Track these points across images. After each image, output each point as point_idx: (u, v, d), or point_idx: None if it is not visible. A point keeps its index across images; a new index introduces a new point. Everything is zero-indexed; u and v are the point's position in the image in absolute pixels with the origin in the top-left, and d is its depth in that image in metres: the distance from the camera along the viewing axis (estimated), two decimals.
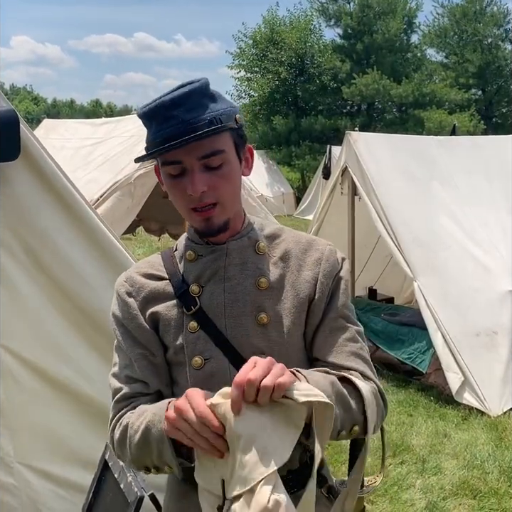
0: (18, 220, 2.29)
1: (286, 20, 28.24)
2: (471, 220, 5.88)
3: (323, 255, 1.48)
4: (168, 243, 12.46)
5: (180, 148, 1.32)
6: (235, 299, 1.43)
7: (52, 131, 9.12)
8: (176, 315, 1.46)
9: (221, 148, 1.36)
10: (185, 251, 1.50)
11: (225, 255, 1.45)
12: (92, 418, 2.48)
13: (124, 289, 1.52)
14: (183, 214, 1.45)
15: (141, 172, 6.37)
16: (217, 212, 1.39)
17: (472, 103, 29.07)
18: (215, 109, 1.36)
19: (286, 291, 1.45)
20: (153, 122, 1.37)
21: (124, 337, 1.51)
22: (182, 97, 1.33)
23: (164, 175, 1.42)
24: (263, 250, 1.47)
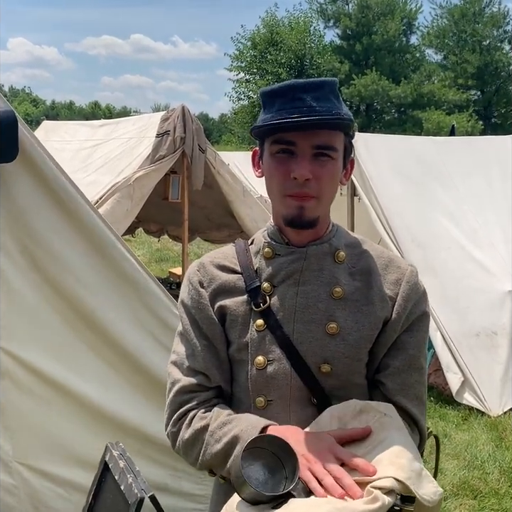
0: (16, 221, 2.29)
1: (285, 21, 28.28)
2: (471, 220, 5.89)
3: (404, 276, 1.45)
4: (167, 244, 12.46)
5: (299, 131, 1.33)
6: (306, 305, 1.41)
7: (52, 132, 9.12)
8: (244, 311, 1.44)
9: (335, 145, 1.36)
10: (263, 247, 1.47)
11: (304, 259, 1.43)
12: (89, 417, 2.48)
13: (197, 278, 1.50)
14: (275, 199, 1.42)
15: (140, 174, 6.37)
16: (312, 205, 1.37)
17: (471, 104, 29.10)
18: (340, 107, 1.37)
19: (361, 304, 1.42)
20: (278, 100, 1.36)
21: (191, 326, 1.49)
22: (314, 85, 1.35)
23: (269, 153, 1.40)
24: (342, 259, 1.45)
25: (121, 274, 2.52)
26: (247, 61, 27.76)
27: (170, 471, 2.70)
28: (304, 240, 1.44)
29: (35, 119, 44.70)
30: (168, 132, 6.62)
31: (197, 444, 1.42)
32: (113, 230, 2.53)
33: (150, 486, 1.84)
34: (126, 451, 2.04)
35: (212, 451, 1.38)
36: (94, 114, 60.72)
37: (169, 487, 2.69)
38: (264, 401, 1.43)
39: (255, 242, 1.52)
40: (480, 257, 5.65)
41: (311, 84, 1.35)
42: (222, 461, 1.37)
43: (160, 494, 2.26)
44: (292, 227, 1.41)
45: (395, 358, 1.43)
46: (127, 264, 2.53)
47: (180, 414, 1.46)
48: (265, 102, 1.40)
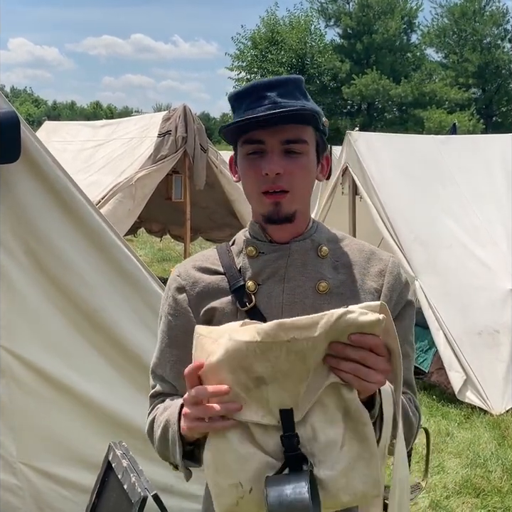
0: (18, 220, 2.30)
1: (286, 20, 28.28)
2: (473, 218, 5.88)
3: (387, 267, 1.46)
4: (169, 244, 12.47)
5: (265, 129, 1.34)
6: (293, 301, 1.41)
7: (53, 133, 9.14)
8: (230, 311, 1.43)
9: (305, 138, 1.37)
10: (245, 246, 1.47)
11: (288, 255, 1.43)
12: (94, 418, 2.49)
13: (176, 284, 1.49)
14: (252, 199, 1.43)
15: (142, 174, 6.38)
16: (287, 200, 1.37)
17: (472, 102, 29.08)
18: (307, 104, 1.38)
19: (347, 298, 1.42)
20: (245, 102, 1.37)
21: (165, 334, 1.51)
22: (278, 82, 1.37)
23: (241, 156, 1.41)
24: (325, 254, 1.45)
25: (124, 273, 2.52)
26: (248, 60, 27.76)
27: (174, 472, 2.70)
28: (286, 236, 1.44)
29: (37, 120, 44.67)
30: (170, 132, 6.63)
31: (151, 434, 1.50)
32: (114, 230, 2.54)
33: (154, 487, 1.85)
34: (129, 450, 2.05)
35: (157, 437, 1.44)
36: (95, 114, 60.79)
37: (174, 488, 2.69)
38: None
39: (237, 242, 1.52)
40: (482, 255, 5.65)
41: (275, 81, 1.37)
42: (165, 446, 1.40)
43: (164, 495, 2.26)
44: (271, 223, 1.41)
45: None
46: (129, 263, 2.53)
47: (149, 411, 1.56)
48: (234, 105, 1.41)
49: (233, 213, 7.68)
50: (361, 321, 1.09)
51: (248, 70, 28.08)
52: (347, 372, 1.13)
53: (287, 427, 1.16)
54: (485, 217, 5.91)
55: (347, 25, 29.72)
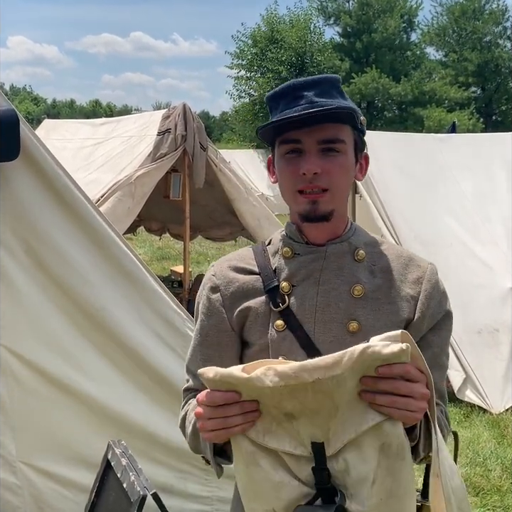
0: (18, 219, 2.29)
1: (285, 19, 28.26)
2: (473, 217, 5.88)
3: (425, 274, 1.44)
4: (168, 243, 12.46)
5: (303, 129, 1.33)
6: (327, 304, 1.40)
7: (53, 131, 9.12)
8: (263, 312, 1.43)
9: (342, 138, 1.36)
10: (281, 247, 1.46)
11: (323, 258, 1.42)
12: (93, 417, 2.48)
13: (210, 284, 1.49)
14: (288, 198, 1.42)
15: (141, 172, 6.37)
16: (325, 198, 1.36)
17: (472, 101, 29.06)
18: (344, 102, 1.37)
19: (383, 303, 1.41)
20: (281, 102, 1.37)
21: (197, 332, 1.52)
22: (314, 81, 1.36)
23: (279, 156, 1.40)
24: (362, 258, 1.43)
25: (123, 272, 2.52)
26: (248, 59, 27.74)
27: (175, 473, 2.70)
28: (323, 237, 1.43)
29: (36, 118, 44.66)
30: (170, 130, 6.61)
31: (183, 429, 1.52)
32: (114, 229, 2.53)
33: (155, 487, 1.84)
34: (129, 449, 2.04)
35: (188, 433, 1.47)
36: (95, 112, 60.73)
37: (174, 488, 2.69)
38: None
39: (273, 242, 1.51)
40: (482, 253, 5.64)
41: (311, 81, 1.36)
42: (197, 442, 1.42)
43: (165, 495, 2.27)
44: (308, 221, 1.39)
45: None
46: (129, 262, 2.53)
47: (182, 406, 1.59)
48: (271, 106, 1.41)
49: (233, 212, 7.66)
50: (385, 353, 1.08)
51: (248, 68, 28.06)
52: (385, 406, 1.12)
53: (318, 460, 1.16)
54: (485, 215, 5.91)
55: (346, 23, 29.70)
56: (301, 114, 1.29)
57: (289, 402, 1.12)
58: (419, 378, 1.14)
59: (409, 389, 1.12)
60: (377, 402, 1.12)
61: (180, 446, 2.67)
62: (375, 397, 1.12)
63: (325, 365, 1.07)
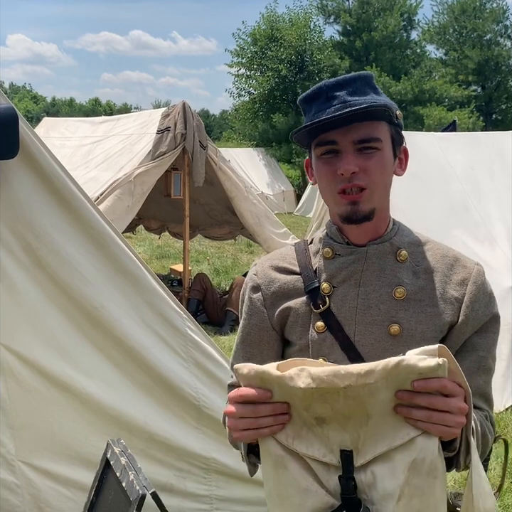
0: (17, 217, 2.28)
1: (285, 17, 28.22)
2: (473, 215, 5.87)
3: (471, 276, 1.41)
4: (168, 241, 12.45)
5: (337, 130, 1.31)
6: (368, 306, 1.38)
7: (52, 129, 9.12)
8: (304, 312, 1.43)
9: (378, 136, 1.34)
10: (322, 247, 1.45)
11: (364, 259, 1.40)
12: (93, 416, 2.48)
13: (252, 283, 1.50)
14: (328, 199, 1.40)
15: (140, 170, 6.36)
16: (364, 198, 1.34)
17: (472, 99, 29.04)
18: (378, 99, 1.35)
19: (426, 305, 1.38)
20: (314, 104, 1.35)
21: (240, 330, 1.54)
22: (346, 81, 1.34)
23: (315, 157, 1.39)
24: (404, 258, 1.41)
25: (123, 270, 2.51)
26: (248, 57, 27.71)
27: (174, 472, 2.69)
28: (364, 237, 1.41)
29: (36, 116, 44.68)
30: (169, 129, 6.61)
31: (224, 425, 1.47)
32: (113, 227, 2.53)
33: (154, 486, 1.84)
34: (128, 448, 2.04)
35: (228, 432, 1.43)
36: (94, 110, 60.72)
37: (174, 487, 2.69)
38: None
39: (314, 242, 1.50)
40: (482, 252, 5.63)
41: (342, 80, 1.35)
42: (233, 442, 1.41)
43: (164, 494, 2.26)
44: (349, 223, 1.38)
45: (464, 359, 1.40)
46: (128, 260, 2.52)
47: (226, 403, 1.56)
48: (304, 108, 1.40)
49: (232, 211, 7.66)
50: (420, 367, 1.07)
51: (248, 66, 28.02)
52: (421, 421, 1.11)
53: (346, 469, 1.15)
54: (485, 214, 5.90)
55: (346, 22, 29.67)
56: (333, 116, 1.28)
57: (320, 405, 1.11)
58: (456, 393, 1.11)
59: (446, 404, 1.10)
60: (413, 417, 1.11)
61: (180, 445, 2.67)
62: (411, 411, 1.10)
63: (357, 373, 1.07)
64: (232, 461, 2.76)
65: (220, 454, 2.75)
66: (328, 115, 1.29)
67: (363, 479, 1.15)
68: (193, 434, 2.70)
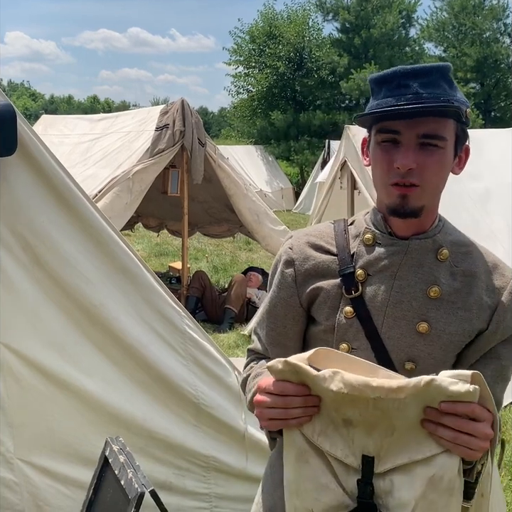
0: (16, 215, 2.28)
1: (283, 14, 28.18)
2: (473, 212, 5.87)
3: (508, 285, 1.39)
4: (167, 239, 12.44)
5: (404, 120, 1.29)
6: (400, 300, 1.37)
7: (50, 127, 9.10)
8: (335, 295, 1.41)
9: (443, 134, 1.32)
10: (364, 232, 1.42)
11: (405, 253, 1.38)
12: (92, 414, 2.47)
13: (286, 257, 1.48)
14: (379, 188, 1.39)
15: (139, 167, 6.35)
16: (416, 194, 1.32)
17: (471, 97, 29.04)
18: (451, 94, 1.32)
19: (458, 308, 1.37)
20: (384, 87, 1.32)
21: (267, 301, 1.53)
22: (422, 71, 1.31)
23: (375, 142, 1.36)
24: (445, 257, 1.39)
25: (121, 268, 2.50)
26: (246, 55, 27.68)
27: (173, 470, 2.69)
28: (408, 230, 1.39)
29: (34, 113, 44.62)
30: (168, 126, 6.60)
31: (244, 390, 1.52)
32: (111, 225, 2.52)
33: (153, 485, 1.83)
34: (127, 445, 2.03)
35: (248, 399, 1.46)
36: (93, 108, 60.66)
37: (173, 485, 2.68)
38: None
39: (355, 225, 1.47)
40: None
41: (419, 70, 1.31)
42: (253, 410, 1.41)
43: (163, 493, 2.26)
44: (395, 215, 1.36)
45: (486, 366, 1.39)
46: (127, 258, 2.52)
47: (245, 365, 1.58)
48: (373, 89, 1.37)
49: (231, 209, 7.66)
50: (451, 391, 1.08)
51: (246, 64, 28.00)
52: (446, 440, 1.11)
53: (366, 473, 1.16)
54: (485, 211, 5.89)
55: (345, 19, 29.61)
56: (405, 108, 1.26)
57: (349, 409, 1.13)
58: (484, 418, 1.11)
59: (472, 428, 1.10)
60: (438, 434, 1.11)
61: (178, 443, 2.67)
62: (438, 429, 1.11)
63: (388, 387, 1.08)
64: (231, 459, 2.76)
65: (219, 452, 2.75)
66: (398, 104, 1.27)
67: (381, 486, 1.16)
68: (192, 432, 2.70)
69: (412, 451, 1.13)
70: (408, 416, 1.11)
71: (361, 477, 1.16)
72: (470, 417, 1.10)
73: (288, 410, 1.17)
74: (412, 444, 1.13)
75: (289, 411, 1.17)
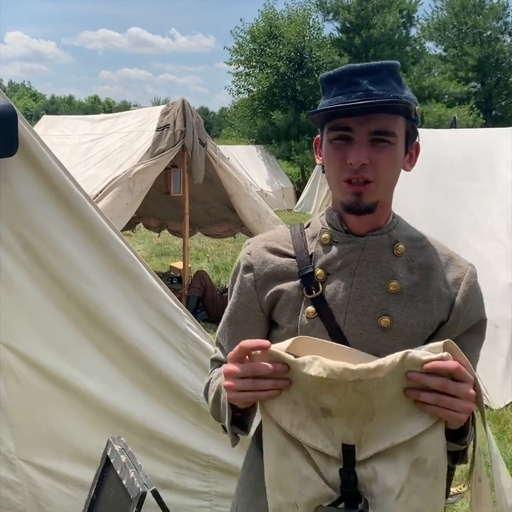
0: (16, 216, 2.28)
1: (284, 14, 28.18)
2: (474, 211, 5.87)
3: (464, 276, 1.41)
4: (168, 239, 12.44)
5: (354, 118, 1.30)
6: (360, 296, 1.38)
7: (51, 127, 9.11)
8: (296, 297, 1.42)
9: (394, 130, 1.33)
10: (320, 232, 1.44)
11: (362, 249, 1.39)
12: (93, 414, 2.48)
13: (245, 262, 1.49)
14: (333, 185, 1.40)
15: (140, 167, 6.35)
16: (369, 190, 1.34)
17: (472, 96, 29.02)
18: (400, 91, 1.34)
19: (418, 301, 1.39)
20: (335, 86, 1.33)
21: (227, 308, 1.53)
22: (371, 68, 1.32)
23: (327, 140, 1.37)
24: (401, 252, 1.41)
25: (122, 268, 2.51)
26: (247, 54, 27.69)
27: (174, 468, 2.70)
28: (364, 227, 1.41)
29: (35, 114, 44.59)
30: (168, 126, 6.60)
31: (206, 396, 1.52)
32: (112, 225, 2.52)
33: (154, 483, 1.84)
34: (128, 445, 2.04)
35: (210, 400, 1.47)
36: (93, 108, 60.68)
37: (173, 484, 2.69)
38: None
39: (312, 226, 1.49)
40: (483, 248, 5.63)
41: (368, 67, 1.32)
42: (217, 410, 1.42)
43: (164, 491, 2.26)
44: (351, 213, 1.38)
45: None
46: (128, 258, 2.52)
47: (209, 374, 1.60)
48: (324, 88, 1.38)
49: (232, 208, 7.66)
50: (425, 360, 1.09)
51: (247, 64, 28.01)
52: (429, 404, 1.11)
53: (347, 462, 1.15)
54: (486, 210, 5.89)
55: (345, 19, 29.62)
56: (356, 105, 1.27)
57: (327, 396, 1.12)
58: (467, 379, 1.12)
59: (455, 388, 1.11)
60: (421, 399, 1.11)
61: (179, 442, 2.68)
62: (420, 394, 1.11)
63: (367, 368, 1.09)
64: (231, 458, 2.76)
65: (219, 450, 2.76)
66: (349, 101, 1.28)
67: (364, 473, 1.16)
68: (192, 431, 2.70)
69: (393, 435, 1.13)
70: (387, 395, 1.11)
71: (343, 466, 1.16)
72: (453, 376, 1.11)
73: (258, 381, 1.15)
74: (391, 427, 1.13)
75: (260, 382, 1.15)
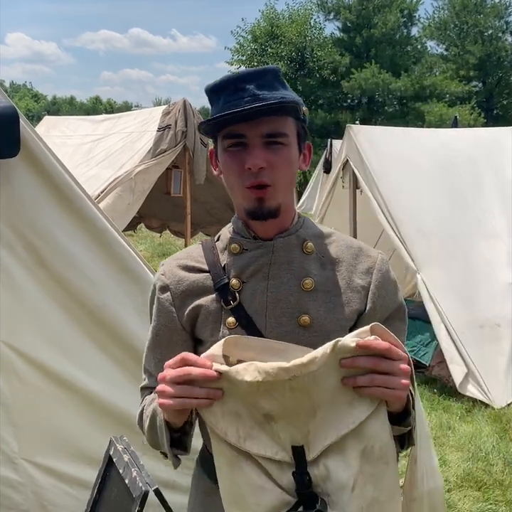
0: (19, 216, 2.29)
1: (285, 14, 28.20)
2: (476, 210, 5.86)
3: (375, 264, 1.43)
4: (169, 239, 12.45)
5: (246, 123, 1.31)
6: (277, 299, 1.39)
7: (53, 128, 9.11)
8: (215, 310, 1.42)
9: (285, 131, 1.34)
10: (229, 243, 1.45)
11: (272, 252, 1.40)
12: (95, 414, 2.48)
13: (160, 283, 1.49)
14: (235, 193, 1.40)
15: (141, 168, 6.36)
16: (269, 195, 1.34)
17: (473, 95, 28.99)
18: (286, 94, 1.35)
19: (334, 295, 1.40)
20: (223, 95, 1.35)
21: (150, 332, 1.53)
22: (256, 73, 1.34)
23: (222, 149, 1.38)
24: (311, 250, 1.42)
25: (124, 268, 2.51)
26: (248, 54, 27.70)
27: None
28: (270, 232, 1.41)
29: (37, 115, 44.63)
30: (170, 126, 6.60)
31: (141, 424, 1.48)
32: (114, 225, 2.53)
33: (156, 483, 1.84)
34: (131, 445, 2.04)
35: (145, 427, 1.44)
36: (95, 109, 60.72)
37: (176, 484, 2.69)
38: None
39: (221, 239, 1.50)
40: (485, 247, 5.63)
41: (254, 72, 1.34)
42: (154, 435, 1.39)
43: (167, 490, 2.26)
44: (255, 219, 1.38)
45: None
46: (130, 258, 2.52)
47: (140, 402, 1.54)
48: (212, 98, 1.39)
49: (232, 208, 7.59)
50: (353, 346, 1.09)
51: (248, 63, 28.02)
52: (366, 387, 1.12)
53: (299, 464, 1.15)
54: (487, 209, 5.89)
55: (346, 18, 29.63)
56: (244, 109, 1.27)
57: (266, 401, 1.11)
58: (400, 357, 1.13)
59: (388, 365, 1.12)
60: (358, 384, 1.12)
61: None
62: (355, 379, 1.12)
63: (300, 364, 1.08)
64: None
65: None
66: (237, 108, 1.29)
67: (316, 473, 1.15)
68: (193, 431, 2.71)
69: (338, 427, 1.13)
70: (326, 388, 1.11)
71: (295, 469, 1.15)
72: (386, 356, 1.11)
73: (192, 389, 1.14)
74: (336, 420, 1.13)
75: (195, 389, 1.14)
